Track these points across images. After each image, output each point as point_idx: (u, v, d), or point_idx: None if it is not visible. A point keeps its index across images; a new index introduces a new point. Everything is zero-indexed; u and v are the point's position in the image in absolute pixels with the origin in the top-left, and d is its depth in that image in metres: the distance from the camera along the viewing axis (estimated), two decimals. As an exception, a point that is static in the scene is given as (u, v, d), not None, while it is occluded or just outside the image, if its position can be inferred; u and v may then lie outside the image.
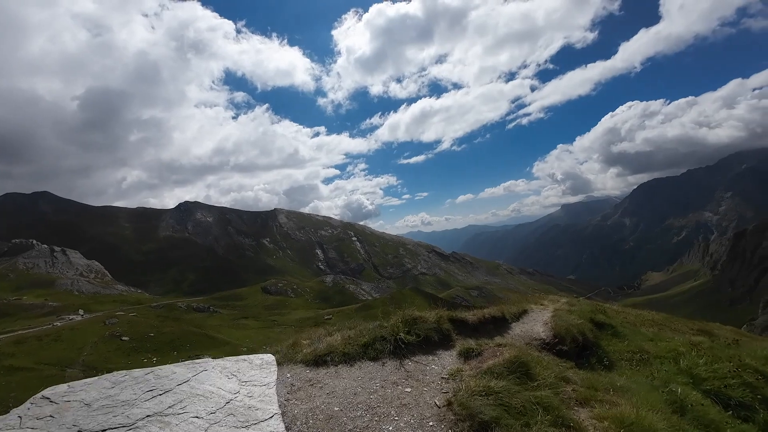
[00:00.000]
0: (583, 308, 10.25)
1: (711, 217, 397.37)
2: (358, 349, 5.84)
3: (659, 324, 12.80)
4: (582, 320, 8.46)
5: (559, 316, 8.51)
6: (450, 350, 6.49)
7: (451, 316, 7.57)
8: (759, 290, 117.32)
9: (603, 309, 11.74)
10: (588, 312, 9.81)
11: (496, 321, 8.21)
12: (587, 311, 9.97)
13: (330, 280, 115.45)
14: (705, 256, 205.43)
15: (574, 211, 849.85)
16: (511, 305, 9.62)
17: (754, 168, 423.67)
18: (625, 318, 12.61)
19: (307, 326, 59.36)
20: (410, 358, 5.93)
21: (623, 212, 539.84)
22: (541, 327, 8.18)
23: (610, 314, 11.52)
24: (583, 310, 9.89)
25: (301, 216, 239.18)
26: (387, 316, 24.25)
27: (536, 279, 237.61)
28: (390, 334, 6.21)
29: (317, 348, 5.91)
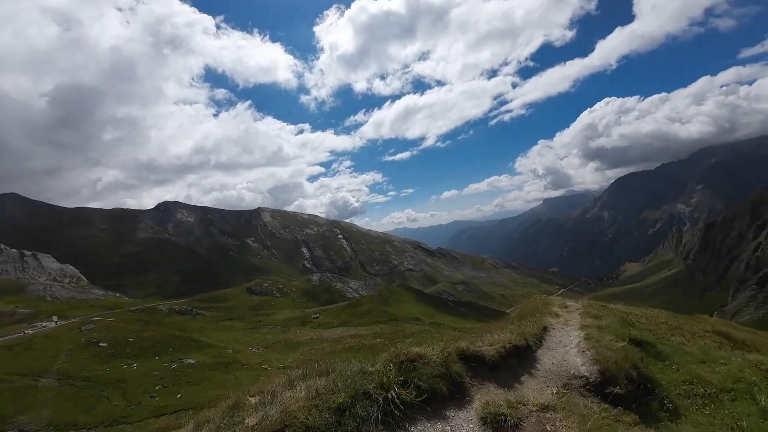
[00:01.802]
0: (613, 323, 8.73)
1: (684, 209, 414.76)
2: (329, 417, 3.69)
3: (673, 327, 11.72)
4: (623, 342, 6.91)
5: (595, 340, 6.93)
6: (466, 409, 4.50)
7: (462, 351, 5.60)
8: (728, 278, 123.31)
9: (631, 319, 10.34)
10: (622, 328, 8.30)
11: (519, 351, 6.37)
12: (619, 326, 8.42)
13: (316, 279, 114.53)
14: (678, 246, 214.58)
15: (555, 206, 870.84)
16: (527, 322, 8.16)
17: (723, 161, 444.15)
18: (637, 321, 11.60)
19: (294, 325, 58.76)
20: (408, 429, 3.94)
21: (602, 206, 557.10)
22: (577, 356, 6.47)
23: (638, 325, 10.13)
24: (616, 326, 8.37)
25: (285, 215, 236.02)
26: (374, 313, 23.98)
27: (520, 272, 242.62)
28: (377, 389, 4.15)
29: (267, 417, 3.72)
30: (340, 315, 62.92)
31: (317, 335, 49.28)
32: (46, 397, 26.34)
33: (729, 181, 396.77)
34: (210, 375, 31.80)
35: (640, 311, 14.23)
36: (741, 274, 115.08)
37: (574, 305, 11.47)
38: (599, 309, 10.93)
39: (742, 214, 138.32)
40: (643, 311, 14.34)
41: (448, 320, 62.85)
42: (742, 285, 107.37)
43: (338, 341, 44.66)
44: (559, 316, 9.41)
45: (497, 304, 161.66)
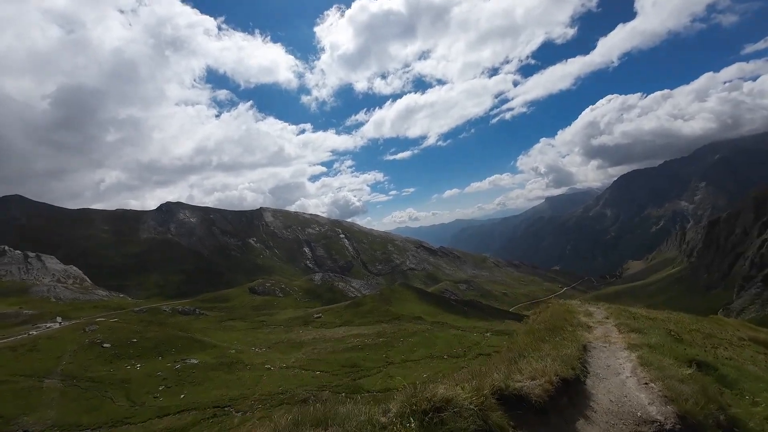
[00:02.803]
0: (665, 340, 7.33)
1: (687, 207, 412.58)
2: None
3: (707, 335, 10.39)
4: (688, 369, 5.61)
5: (656, 367, 5.57)
6: None
7: (500, 391, 4.28)
8: (733, 276, 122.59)
9: (678, 334, 8.93)
10: (677, 347, 7.06)
11: (568, 385, 5.07)
12: (671, 343, 7.10)
13: (319, 279, 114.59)
14: (682, 244, 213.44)
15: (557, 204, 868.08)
16: (561, 339, 7.13)
17: (727, 158, 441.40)
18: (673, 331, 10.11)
19: (296, 325, 58.82)
20: None
21: (604, 203, 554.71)
22: (639, 390, 5.15)
23: (686, 338, 8.76)
24: (669, 344, 7.08)
25: (287, 214, 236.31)
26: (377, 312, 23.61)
27: (522, 271, 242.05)
28: None
29: None
30: (343, 314, 62.93)
31: (320, 335, 49.28)
32: (50, 398, 26.43)
33: (732, 178, 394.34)
34: (213, 375, 31.85)
35: (663, 315, 13.11)
36: (746, 271, 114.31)
37: (597, 311, 10.60)
38: (634, 319, 9.68)
39: (746, 211, 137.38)
40: (667, 315, 13.22)
41: (451, 319, 62.73)
42: (747, 282, 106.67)
43: (341, 341, 44.64)
44: (592, 328, 8.53)
45: (500, 302, 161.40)
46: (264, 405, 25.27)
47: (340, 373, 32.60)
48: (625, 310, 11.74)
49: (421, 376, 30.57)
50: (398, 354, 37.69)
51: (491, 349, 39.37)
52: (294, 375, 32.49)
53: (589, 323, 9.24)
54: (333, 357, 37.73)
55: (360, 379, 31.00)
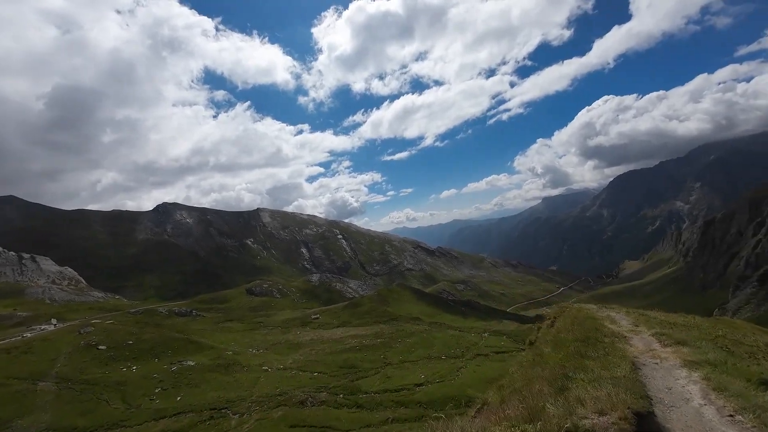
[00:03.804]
0: (723, 355, 6.53)
1: (682, 207, 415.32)
2: None
3: (737, 342, 9.56)
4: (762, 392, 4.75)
5: (733, 393, 4.66)
6: None
7: None
8: (728, 276, 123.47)
9: (726, 345, 8.00)
10: (739, 362, 6.26)
11: (641, 420, 4.10)
12: (731, 359, 6.29)
13: (316, 279, 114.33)
14: (678, 244, 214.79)
15: (554, 204, 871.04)
16: (608, 358, 6.21)
17: (721, 158, 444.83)
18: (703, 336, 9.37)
19: (294, 326, 58.61)
20: None
21: (601, 204, 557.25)
22: (727, 427, 4.22)
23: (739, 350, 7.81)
24: (731, 360, 6.26)
25: (285, 215, 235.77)
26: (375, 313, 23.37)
27: (520, 271, 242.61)
28: None
29: None
30: (341, 315, 62.81)
31: (318, 336, 49.15)
32: (44, 400, 26.19)
33: (727, 178, 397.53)
34: (210, 377, 31.67)
35: (681, 319, 12.27)
36: (741, 271, 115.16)
37: (619, 317, 9.78)
38: (671, 327, 8.67)
39: (741, 212, 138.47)
40: (684, 319, 12.38)
41: (449, 319, 62.76)
42: (743, 282, 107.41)
43: (339, 342, 44.54)
44: (628, 339, 7.76)
45: (497, 302, 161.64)
46: (261, 407, 25.14)
47: (338, 374, 32.51)
48: (649, 316, 10.94)
49: (419, 377, 30.54)
50: (396, 355, 37.65)
51: (489, 350, 39.38)
52: (292, 376, 32.37)
53: (622, 333, 8.40)
54: (331, 358, 37.64)
55: (358, 380, 30.92)
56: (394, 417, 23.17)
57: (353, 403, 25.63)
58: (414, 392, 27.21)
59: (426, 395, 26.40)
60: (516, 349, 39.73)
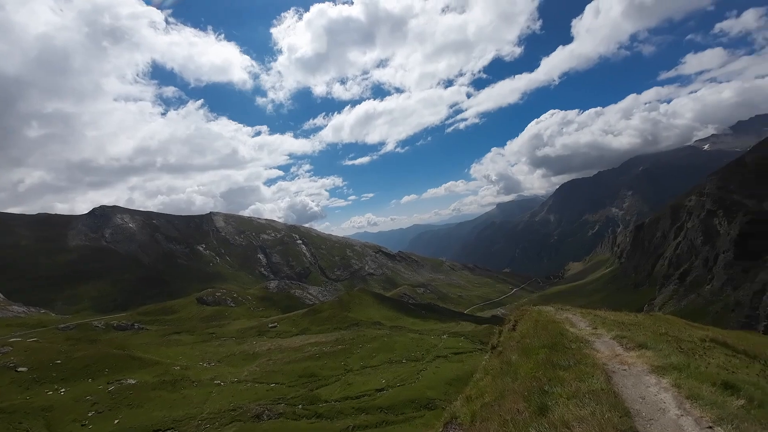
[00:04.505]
0: (681, 359, 6.48)
1: (617, 213, 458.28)
2: None
3: (679, 339, 9.81)
4: (739, 401, 4.75)
5: (708, 401, 4.67)
6: None
7: None
8: (655, 274, 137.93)
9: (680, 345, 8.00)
10: (705, 367, 6.28)
11: None
12: (690, 361, 6.32)
13: (274, 286, 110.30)
14: (613, 246, 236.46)
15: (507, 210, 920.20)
16: (580, 367, 6.03)
17: (649, 170, 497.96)
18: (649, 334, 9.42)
19: (250, 336, 55.97)
20: None
21: (548, 210, 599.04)
22: None
23: None
24: (695, 364, 6.24)
25: (240, 219, 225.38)
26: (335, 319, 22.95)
27: (477, 273, 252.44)
28: None
29: None
30: (300, 322, 61.07)
31: (276, 345, 47.32)
32: (-54, 435, 22.50)
33: (654, 188, 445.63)
34: (154, 395, 29.15)
35: (631, 318, 12.47)
36: (665, 270, 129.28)
37: (576, 318, 9.83)
38: (626, 329, 8.65)
39: (665, 217, 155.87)
40: (635, 318, 12.69)
41: (409, 323, 63.50)
42: (667, 280, 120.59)
43: (298, 350, 43.22)
44: (592, 343, 7.72)
45: (455, 304, 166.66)
46: (213, 424, 23.60)
47: (297, 384, 31.49)
48: (601, 316, 11.16)
49: (380, 382, 30.48)
50: (357, 361, 37.29)
51: (448, 351, 40.36)
52: (247, 389, 30.78)
53: (585, 337, 8.38)
54: (289, 367, 36.38)
55: (318, 389, 30.17)
56: (355, 425, 22.88)
57: (312, 413, 24.94)
58: (375, 398, 27.10)
59: (387, 400, 26.39)
60: (473, 350, 41.12)
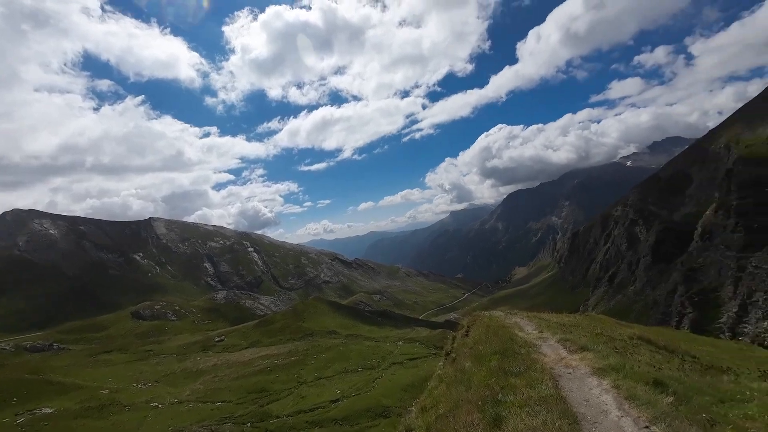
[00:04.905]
0: (618, 359, 6.92)
1: (557, 221, 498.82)
2: None
3: (612, 338, 10.35)
4: (667, 397, 5.22)
5: (643, 401, 5.09)
6: None
7: None
8: (589, 277, 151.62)
9: (615, 346, 8.48)
10: (638, 366, 6.62)
11: None
12: (625, 361, 6.73)
13: (222, 297, 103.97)
14: (554, 252, 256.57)
15: (460, 218, 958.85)
16: (530, 373, 6.33)
17: (583, 182, 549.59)
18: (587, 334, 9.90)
19: (193, 352, 52.01)
20: None
21: (497, 218, 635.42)
22: None
23: None
24: (630, 365, 6.65)
25: (185, 226, 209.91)
26: (289, 330, 22.36)
27: (431, 280, 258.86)
28: None
29: None
30: (250, 335, 58.01)
31: (223, 360, 44.39)
32: None
33: (588, 199, 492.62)
34: (77, 425, 25.81)
35: (570, 320, 13.36)
36: (597, 273, 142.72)
37: (523, 322, 10.34)
38: (569, 331, 9.17)
39: (596, 226, 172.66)
40: (574, 319, 13.51)
41: (365, 330, 63.17)
42: (598, 282, 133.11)
43: (247, 365, 40.93)
44: (538, 347, 8.12)
45: (411, 310, 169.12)
46: (148, 451, 21.45)
47: (246, 401, 29.74)
48: (545, 319, 11.83)
49: (335, 393, 29.83)
50: (311, 372, 36.22)
51: (403, 357, 40.72)
52: (188, 410, 28.43)
53: (532, 341, 8.75)
54: (238, 383, 34.29)
55: (269, 404, 28.74)
56: (308, 439, 22.13)
57: (263, 430, 23.68)
58: (329, 409, 26.45)
59: (342, 411, 25.89)
60: (428, 354, 41.92)
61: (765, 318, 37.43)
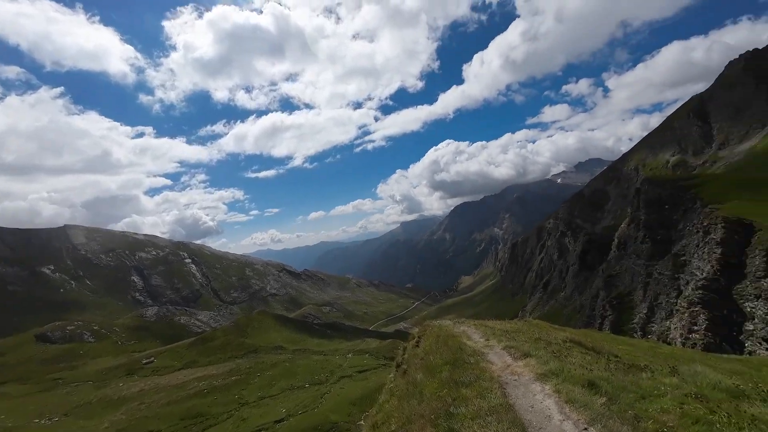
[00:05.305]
0: (558, 364, 7.29)
1: (498, 233, 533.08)
2: None
3: (548, 342, 10.85)
4: (601, 398, 5.67)
5: (581, 403, 5.50)
6: None
7: None
8: (526, 285, 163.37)
9: (554, 350, 8.92)
10: (574, 369, 6.97)
11: None
12: (563, 365, 7.14)
13: (152, 313, 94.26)
14: (496, 261, 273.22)
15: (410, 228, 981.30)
16: (480, 383, 6.55)
17: (521, 197, 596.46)
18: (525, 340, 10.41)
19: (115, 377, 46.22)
20: None
21: (444, 229, 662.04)
22: None
23: None
24: (567, 368, 7.03)
25: (110, 234, 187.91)
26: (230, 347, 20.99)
27: (382, 290, 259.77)
28: None
29: None
30: (185, 354, 53.06)
31: (151, 385, 39.91)
32: None
33: (525, 211, 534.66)
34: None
35: (512, 326, 13.96)
36: (533, 281, 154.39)
37: (470, 330, 10.61)
38: (511, 338, 9.63)
39: (533, 237, 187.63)
40: (515, 325, 14.22)
41: (314, 344, 61.17)
42: (534, 289, 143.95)
43: (180, 388, 37.25)
44: (486, 355, 8.30)
45: (361, 321, 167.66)
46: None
47: (178, 429, 26.95)
48: (489, 326, 12.32)
49: (280, 412, 28.25)
50: (254, 391, 34.00)
51: (352, 370, 40.00)
52: (107, 445, 25.00)
53: (480, 349, 8.98)
54: (169, 410, 30.99)
55: (206, 430, 26.33)
56: (250, 464, 20.60)
57: (197, 460, 21.56)
58: (273, 430, 24.98)
59: (287, 431, 24.58)
60: (378, 366, 41.67)
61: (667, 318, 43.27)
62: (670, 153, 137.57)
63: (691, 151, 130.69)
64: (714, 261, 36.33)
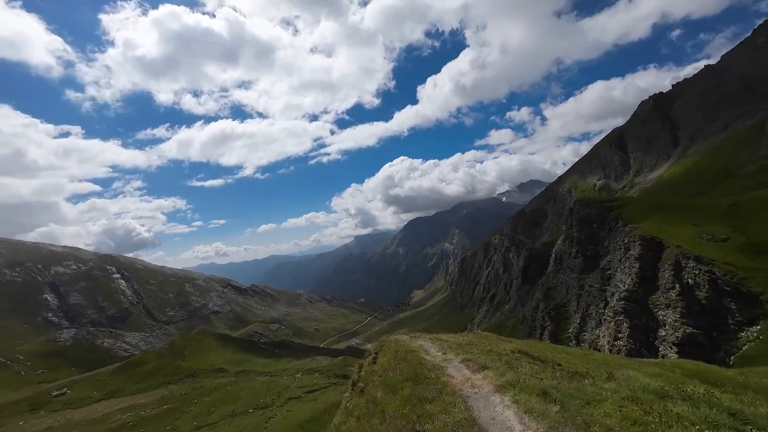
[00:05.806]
0: (514, 375, 7.53)
1: (449, 247, 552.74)
2: None
3: (500, 354, 11.11)
4: (555, 406, 5.94)
5: (538, 412, 5.77)
6: None
7: None
8: (475, 298, 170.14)
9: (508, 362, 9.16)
10: (530, 380, 7.28)
11: None
12: (519, 376, 7.43)
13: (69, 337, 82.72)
14: (446, 275, 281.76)
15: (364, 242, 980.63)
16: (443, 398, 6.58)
17: (470, 213, 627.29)
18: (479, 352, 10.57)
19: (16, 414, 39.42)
20: None
21: (398, 243, 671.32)
22: None
23: None
24: (522, 378, 7.29)
25: (18, 246, 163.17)
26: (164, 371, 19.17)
27: (334, 305, 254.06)
28: None
29: None
30: (108, 383, 46.91)
31: (62, 421, 34.53)
32: None
33: (474, 227, 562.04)
34: None
35: (465, 339, 14.19)
36: (481, 294, 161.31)
37: (427, 344, 10.67)
38: (468, 351, 9.76)
39: (480, 252, 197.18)
40: (466, 338, 14.43)
41: (260, 364, 57.58)
42: (482, 302, 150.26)
43: (99, 422, 32.68)
44: (446, 369, 8.35)
45: (311, 338, 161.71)
46: None
47: (94, 471, 23.40)
48: (444, 340, 12.51)
49: (219, 442, 25.88)
50: (189, 420, 30.88)
51: (301, 391, 38.14)
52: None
53: (439, 363, 8.98)
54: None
55: (127, 469, 23.17)
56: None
57: (116, 505, 18.83)
58: (211, 463, 22.76)
59: (226, 462, 22.55)
60: (328, 385, 40.19)
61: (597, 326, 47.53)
62: (596, 177, 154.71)
63: (613, 176, 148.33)
64: (633, 274, 40.94)
